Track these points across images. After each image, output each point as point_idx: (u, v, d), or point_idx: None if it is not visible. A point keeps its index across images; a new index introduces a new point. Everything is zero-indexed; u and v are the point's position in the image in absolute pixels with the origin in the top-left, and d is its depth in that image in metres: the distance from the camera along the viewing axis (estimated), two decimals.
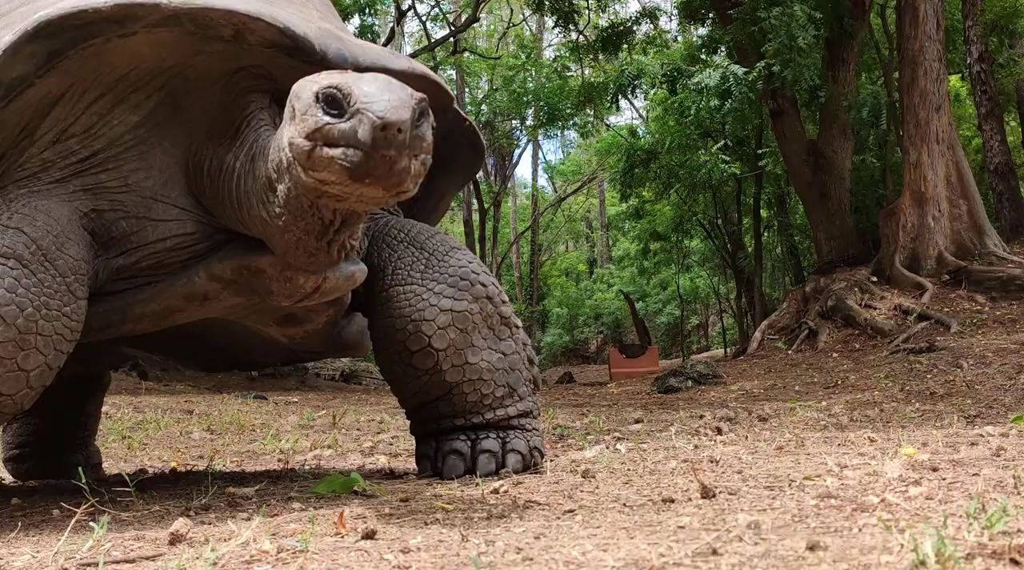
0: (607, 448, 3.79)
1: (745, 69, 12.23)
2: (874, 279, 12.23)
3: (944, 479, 2.27)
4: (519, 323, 2.93)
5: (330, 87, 1.96)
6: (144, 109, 2.43)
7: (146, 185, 2.43)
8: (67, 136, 2.38)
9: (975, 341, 9.16)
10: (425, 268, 2.77)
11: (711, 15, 15.69)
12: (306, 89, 2.02)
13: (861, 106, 13.54)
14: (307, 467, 3.57)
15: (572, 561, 1.45)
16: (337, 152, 1.95)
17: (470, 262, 2.83)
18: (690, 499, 2.12)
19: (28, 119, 2.37)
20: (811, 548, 1.42)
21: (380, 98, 1.92)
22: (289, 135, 2.07)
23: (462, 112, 2.90)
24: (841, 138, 14.38)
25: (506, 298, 2.91)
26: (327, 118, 1.96)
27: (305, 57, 2.41)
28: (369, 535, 1.75)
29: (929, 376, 7.66)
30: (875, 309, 11.40)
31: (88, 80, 2.38)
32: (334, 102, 1.96)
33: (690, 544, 1.52)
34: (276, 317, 2.74)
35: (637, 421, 5.66)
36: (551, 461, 3.39)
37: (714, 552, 1.45)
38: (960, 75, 17.78)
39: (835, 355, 10.53)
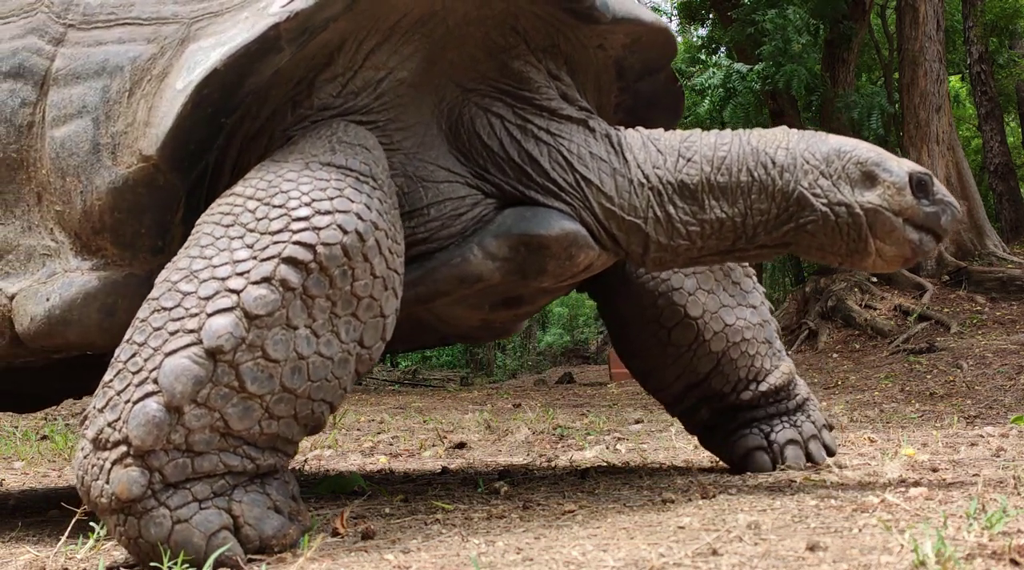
0: (607, 448, 3.79)
1: (748, 67, 12.25)
2: (874, 279, 12.21)
3: (944, 479, 2.27)
4: (753, 271, 2.82)
5: (923, 174, 2.18)
6: (411, 60, 2.13)
7: (407, 144, 2.17)
8: (349, 92, 2.08)
9: (975, 341, 9.15)
10: None
11: (711, 16, 15.69)
12: (893, 165, 2.19)
13: (852, 108, 13.52)
14: (307, 467, 3.57)
15: (572, 561, 1.45)
16: (916, 236, 2.17)
17: None
18: (690, 499, 2.12)
19: (305, 71, 2.04)
20: (811, 548, 1.42)
21: (950, 195, 2.23)
22: (866, 200, 2.17)
23: (674, 72, 2.65)
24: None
25: None
26: (916, 200, 2.17)
27: (575, 3, 2.19)
28: (369, 535, 1.76)
29: (929, 376, 7.66)
30: (875, 309, 11.39)
31: (368, 27, 2.07)
32: (923, 187, 2.18)
33: (690, 544, 1.52)
34: (495, 299, 2.36)
35: (637, 421, 5.66)
36: (551, 461, 3.39)
37: (714, 552, 1.45)
38: (960, 76, 17.78)
39: (835, 355, 10.52)
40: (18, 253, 2.05)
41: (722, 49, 15.45)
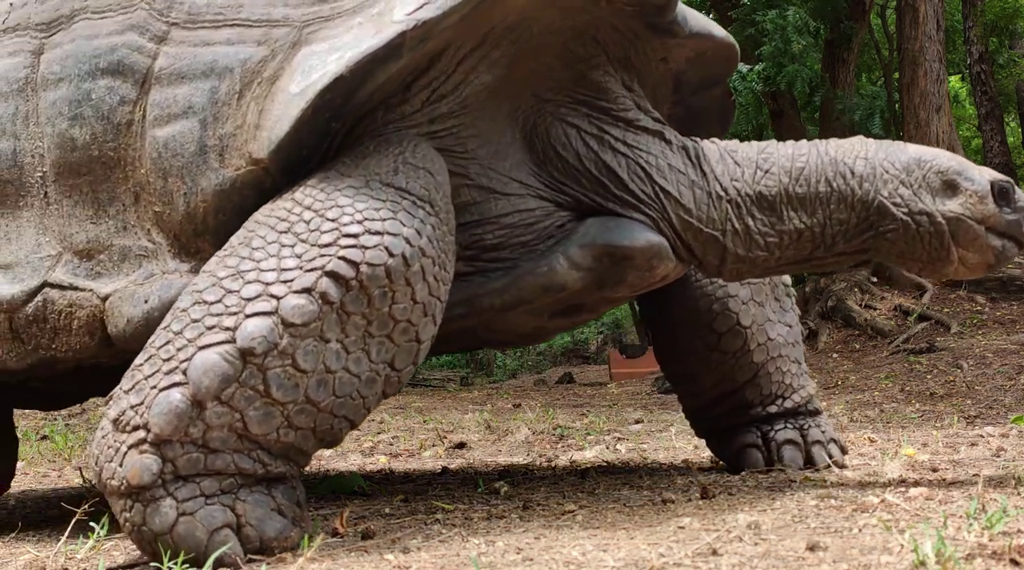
0: (607, 448, 3.79)
1: (749, 67, 12.26)
2: (874, 279, 12.21)
3: (944, 479, 2.27)
4: (793, 291, 2.84)
5: (1005, 182, 2.22)
6: (496, 66, 2.11)
7: (481, 153, 2.15)
8: (437, 97, 2.07)
9: (975, 341, 9.15)
10: None
11: (711, 16, 15.70)
12: (975, 173, 2.22)
13: (853, 110, 13.50)
14: (307, 467, 3.57)
15: (572, 561, 1.45)
16: (998, 243, 2.20)
17: None
18: (690, 499, 2.12)
19: (406, 75, 2.01)
20: (811, 548, 1.42)
21: None
22: (948, 208, 2.20)
23: (729, 87, 2.65)
24: (841, 138, 14.36)
25: None
26: (998, 208, 2.20)
27: (659, 18, 2.20)
28: (369, 535, 1.76)
29: (929, 377, 7.65)
30: (875, 309, 11.39)
31: (468, 34, 2.04)
32: (1005, 195, 2.21)
33: (690, 544, 1.52)
34: (557, 308, 2.34)
35: (637, 421, 5.66)
36: (551, 461, 3.39)
37: (714, 552, 1.45)
38: (960, 76, 17.77)
39: (835, 355, 10.52)
40: (111, 253, 2.01)
41: None
